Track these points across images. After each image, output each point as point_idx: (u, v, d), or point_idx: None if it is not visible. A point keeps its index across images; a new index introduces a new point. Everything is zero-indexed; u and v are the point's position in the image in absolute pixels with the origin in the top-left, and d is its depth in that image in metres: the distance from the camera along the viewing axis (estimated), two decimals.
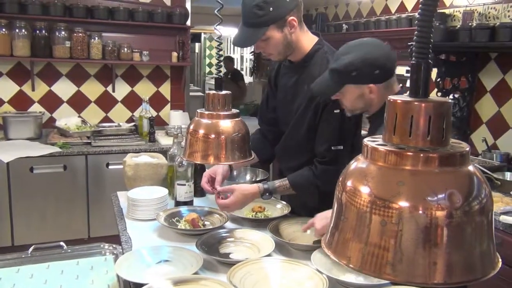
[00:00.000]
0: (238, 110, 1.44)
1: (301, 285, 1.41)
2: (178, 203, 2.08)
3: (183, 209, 1.99)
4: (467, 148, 0.61)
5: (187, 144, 1.39)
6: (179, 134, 2.21)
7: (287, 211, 2.01)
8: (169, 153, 2.22)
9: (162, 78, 4.51)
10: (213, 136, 1.35)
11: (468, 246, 0.57)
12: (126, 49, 4.16)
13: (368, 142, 0.63)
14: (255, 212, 2.00)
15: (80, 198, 3.66)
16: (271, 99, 2.07)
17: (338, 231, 0.63)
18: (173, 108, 4.55)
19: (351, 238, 0.60)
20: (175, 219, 1.91)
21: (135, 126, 4.21)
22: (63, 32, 3.91)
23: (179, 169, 2.05)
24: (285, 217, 1.95)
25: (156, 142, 3.94)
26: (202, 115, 1.39)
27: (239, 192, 1.85)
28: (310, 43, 1.81)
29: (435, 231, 0.55)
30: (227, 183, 2.06)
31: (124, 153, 3.38)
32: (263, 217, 1.98)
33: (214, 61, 11.12)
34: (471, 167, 0.60)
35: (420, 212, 0.55)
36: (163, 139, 4.00)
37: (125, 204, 2.09)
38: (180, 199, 2.08)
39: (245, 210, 2.01)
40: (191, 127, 1.38)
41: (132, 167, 2.24)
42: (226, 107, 1.40)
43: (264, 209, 2.03)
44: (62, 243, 1.71)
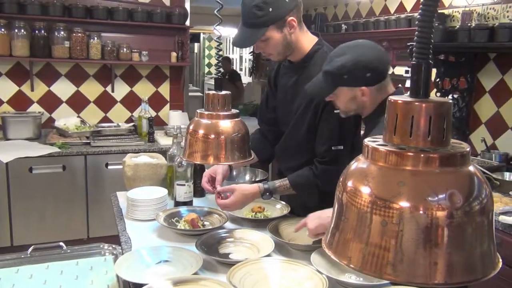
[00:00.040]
0: (238, 111, 1.44)
1: (300, 285, 1.41)
2: (177, 203, 2.08)
3: (182, 209, 1.99)
4: (468, 149, 0.61)
5: (187, 144, 1.39)
6: (179, 135, 2.21)
7: (286, 211, 2.01)
8: (168, 153, 2.22)
9: (161, 78, 4.51)
10: (212, 136, 1.35)
11: (468, 246, 0.57)
12: (125, 49, 4.16)
13: (369, 142, 0.63)
14: (254, 212, 2.00)
15: (79, 198, 3.66)
16: (270, 99, 2.07)
17: (338, 231, 0.63)
18: (172, 108, 4.55)
19: (352, 238, 0.60)
20: (174, 219, 1.91)
21: (134, 126, 4.21)
22: (62, 32, 3.91)
23: (179, 169, 2.05)
24: (284, 217, 1.95)
25: (155, 142, 3.94)
26: (201, 115, 1.39)
27: (239, 192, 1.85)
28: (310, 43, 1.81)
29: (435, 231, 0.55)
30: (226, 183, 2.06)
31: (123, 153, 3.39)
32: (262, 217, 1.98)
33: (213, 61, 11.13)
34: (471, 167, 0.60)
35: (420, 212, 0.55)
36: (162, 139, 4.00)
37: (124, 204, 2.08)
38: (180, 199, 2.08)
39: (244, 210, 2.01)
40: (191, 127, 1.38)
41: (131, 167, 2.24)
42: (225, 107, 1.40)
43: (263, 209, 2.03)
44: (62, 244, 1.71)
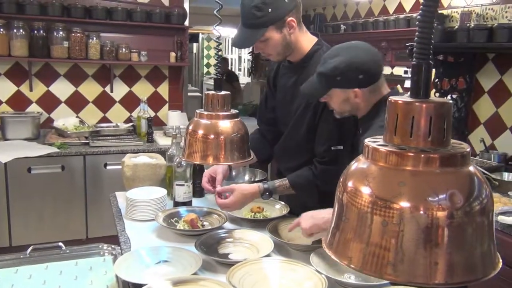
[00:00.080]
0: (237, 111, 1.44)
1: (300, 285, 1.41)
2: (176, 204, 2.07)
3: (182, 209, 1.99)
4: (468, 149, 0.61)
5: (186, 144, 1.39)
6: (178, 135, 2.21)
7: (285, 211, 2.01)
8: (167, 153, 2.22)
9: (160, 78, 4.50)
10: (212, 136, 1.35)
11: (469, 246, 0.57)
12: (124, 49, 4.16)
13: (369, 142, 0.63)
14: (254, 213, 2.00)
15: (78, 199, 3.66)
16: (270, 99, 2.07)
17: (339, 231, 0.63)
18: (171, 108, 4.55)
19: (352, 238, 0.60)
20: (174, 220, 1.90)
21: (133, 126, 4.21)
22: (61, 32, 3.90)
23: (178, 169, 2.05)
24: (283, 217, 1.95)
25: (154, 142, 3.93)
26: (201, 116, 1.39)
27: (239, 192, 1.85)
28: (309, 43, 1.81)
29: (436, 231, 0.55)
30: (225, 183, 2.06)
31: (122, 153, 3.39)
32: (262, 217, 1.98)
33: (212, 61, 11.12)
34: (471, 168, 0.60)
35: (421, 212, 0.56)
36: (161, 139, 4.00)
37: (123, 205, 2.08)
38: (179, 199, 2.08)
39: (244, 211, 2.01)
40: (190, 128, 1.38)
41: (130, 167, 2.24)
42: (225, 108, 1.40)
43: (262, 209, 2.03)
44: (61, 244, 1.71)
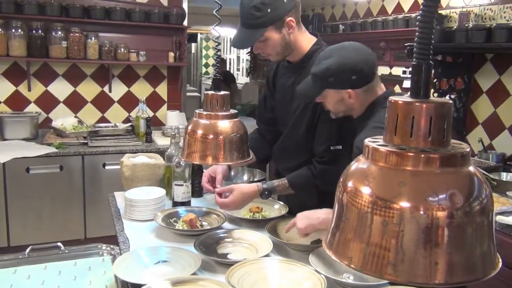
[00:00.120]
0: (236, 111, 1.44)
1: (299, 285, 1.41)
2: (175, 204, 2.07)
3: (180, 209, 1.99)
4: (468, 149, 0.61)
5: (185, 144, 1.39)
6: (177, 135, 2.20)
7: (284, 211, 2.01)
8: (166, 153, 2.22)
9: (159, 78, 4.50)
10: (211, 136, 1.36)
11: (469, 246, 0.57)
12: (122, 49, 4.15)
13: (369, 142, 0.63)
14: (252, 213, 2.00)
15: (77, 199, 3.65)
16: (269, 99, 2.07)
17: (339, 231, 0.63)
18: (169, 108, 4.55)
19: (352, 238, 0.60)
20: (172, 220, 1.90)
21: (131, 126, 4.20)
22: (59, 32, 3.90)
23: (177, 169, 2.05)
24: (282, 217, 1.95)
25: (152, 142, 3.93)
26: (200, 116, 1.39)
27: (238, 192, 1.85)
28: (309, 43, 1.81)
29: (436, 231, 0.55)
30: (224, 183, 2.06)
31: (120, 153, 3.38)
32: (260, 217, 1.98)
33: (210, 61, 11.11)
34: (471, 168, 0.60)
35: (421, 212, 0.56)
36: (159, 139, 3.99)
37: (122, 205, 2.08)
38: (178, 199, 2.07)
39: (242, 211, 2.01)
40: (189, 128, 1.38)
41: (129, 167, 2.24)
42: (224, 108, 1.40)
43: (261, 209, 2.03)
44: (60, 244, 1.71)
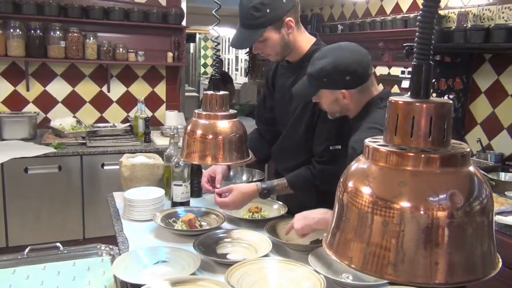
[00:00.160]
0: (236, 111, 1.44)
1: (298, 285, 1.41)
2: (174, 204, 2.07)
3: (179, 209, 1.99)
4: (468, 149, 0.61)
5: (185, 144, 1.39)
6: (176, 135, 2.20)
7: (283, 211, 2.01)
8: (165, 153, 2.22)
9: (158, 78, 4.50)
10: (210, 136, 1.36)
11: (469, 246, 0.57)
12: (121, 49, 4.15)
13: (370, 142, 0.64)
14: (251, 213, 2.00)
15: (75, 199, 3.65)
16: (268, 99, 2.07)
17: (339, 231, 0.63)
18: (168, 108, 4.54)
19: (353, 238, 0.60)
20: (171, 220, 1.90)
21: (130, 126, 4.20)
22: (58, 32, 3.89)
23: (176, 169, 2.05)
24: (281, 217, 1.95)
25: (151, 142, 3.93)
26: (199, 116, 1.39)
27: (238, 191, 1.85)
28: (308, 43, 1.81)
29: (436, 231, 0.56)
30: (224, 183, 2.06)
31: (119, 153, 3.38)
32: (260, 217, 1.98)
33: (209, 61, 11.10)
34: (471, 168, 0.60)
35: (421, 212, 0.56)
36: (158, 139, 3.99)
37: (121, 205, 2.08)
38: (177, 199, 2.07)
39: (242, 211, 2.01)
40: (189, 128, 1.38)
41: (128, 167, 2.23)
42: (223, 108, 1.40)
43: (260, 209, 2.03)
44: (58, 244, 1.71)
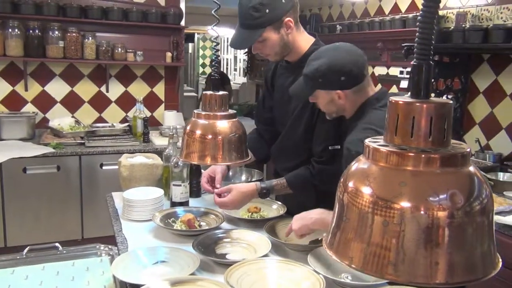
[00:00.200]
0: (235, 111, 1.44)
1: (298, 285, 1.41)
2: (173, 204, 2.07)
3: (179, 209, 1.99)
4: (468, 149, 0.61)
5: (184, 144, 1.39)
6: (175, 135, 2.20)
7: (282, 211, 2.01)
8: (164, 153, 2.21)
9: (156, 78, 4.50)
10: (210, 136, 1.36)
11: (469, 246, 0.57)
12: (120, 49, 4.15)
13: (370, 143, 0.64)
14: (251, 213, 2.00)
15: (74, 199, 3.64)
16: (267, 99, 2.07)
17: (340, 231, 0.63)
18: (167, 108, 4.54)
19: (353, 238, 0.61)
20: (171, 220, 1.90)
21: (129, 126, 4.20)
22: (56, 32, 3.88)
23: (175, 169, 2.05)
24: (281, 217, 1.95)
25: (150, 142, 3.92)
26: (199, 116, 1.39)
27: (237, 191, 1.85)
28: (307, 43, 1.81)
29: (437, 231, 0.56)
30: (223, 183, 2.06)
31: (118, 153, 3.38)
32: (259, 217, 1.98)
33: (207, 61, 11.10)
34: (472, 168, 0.60)
35: (422, 212, 0.56)
36: (157, 139, 3.99)
37: (120, 205, 2.08)
38: (176, 199, 2.07)
39: (241, 211, 2.01)
40: (188, 128, 1.38)
41: (127, 167, 2.23)
42: (223, 108, 1.40)
43: (259, 209, 2.03)
44: (57, 244, 1.71)
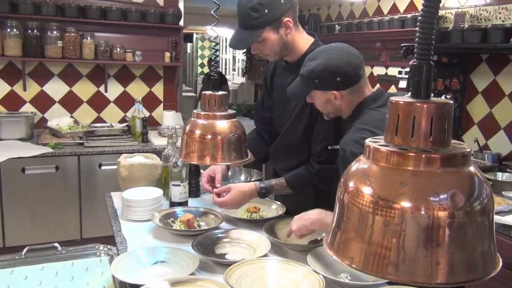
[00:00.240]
0: (234, 111, 1.44)
1: (297, 285, 1.41)
2: (173, 204, 2.07)
3: (178, 209, 1.99)
4: (468, 149, 0.61)
5: (184, 144, 1.39)
6: (174, 135, 2.20)
7: (282, 211, 2.01)
8: (163, 153, 2.21)
9: (155, 78, 4.49)
10: (209, 136, 1.36)
11: (470, 246, 0.57)
12: (118, 49, 4.14)
13: (370, 143, 0.64)
14: (250, 213, 2.00)
15: (73, 199, 3.64)
16: (266, 99, 2.07)
17: (340, 231, 0.63)
18: (166, 108, 4.54)
19: (354, 238, 0.61)
20: (170, 220, 1.90)
21: (127, 126, 4.19)
22: (55, 32, 3.88)
23: (174, 169, 2.05)
24: (280, 217, 1.95)
25: (149, 142, 3.92)
26: (198, 116, 1.39)
27: (236, 190, 1.85)
28: (306, 43, 1.81)
29: (437, 231, 0.56)
30: (222, 184, 2.06)
31: (116, 153, 3.38)
32: (258, 217, 1.98)
33: (206, 61, 11.10)
34: (472, 168, 0.60)
35: (422, 212, 0.56)
36: (156, 139, 3.99)
37: (119, 205, 2.07)
38: (175, 199, 2.07)
39: (240, 211, 2.01)
40: (188, 128, 1.38)
41: (126, 167, 2.23)
42: (222, 108, 1.40)
43: (259, 209, 2.03)
44: (56, 244, 1.70)
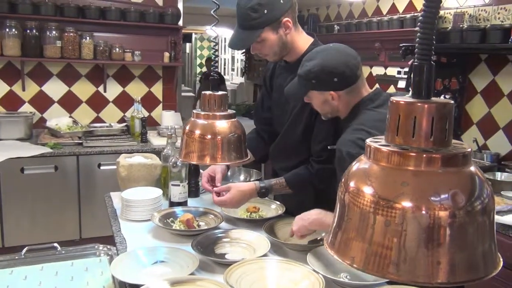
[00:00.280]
0: (234, 111, 1.44)
1: (297, 285, 1.42)
2: (172, 204, 2.07)
3: (177, 209, 1.99)
4: (469, 149, 0.61)
5: (183, 144, 1.39)
6: (173, 135, 2.20)
7: (281, 211, 2.01)
8: (163, 153, 2.21)
9: (154, 78, 4.49)
10: (209, 136, 1.36)
11: (471, 245, 0.57)
12: (117, 49, 4.14)
13: (371, 142, 0.64)
14: (249, 213, 2.01)
15: (72, 199, 3.63)
16: (266, 99, 2.08)
17: (341, 231, 0.63)
18: (165, 108, 4.53)
19: (355, 238, 0.61)
20: (169, 220, 1.90)
21: (127, 126, 4.19)
22: (54, 32, 3.87)
23: (173, 169, 2.05)
24: (279, 217, 1.95)
25: (148, 142, 3.92)
26: (198, 116, 1.39)
27: (236, 189, 1.86)
28: (306, 43, 1.81)
29: (438, 231, 0.56)
30: (222, 183, 2.06)
31: (116, 153, 3.37)
32: (257, 217, 1.98)
33: (204, 61, 11.10)
34: (473, 168, 0.61)
35: (423, 212, 0.56)
36: (155, 139, 3.98)
37: (118, 205, 2.07)
38: (174, 199, 2.07)
39: (239, 211, 2.01)
40: (187, 128, 1.38)
41: (125, 167, 2.23)
42: (222, 108, 1.40)
43: (258, 209, 2.03)
44: (56, 244, 1.70)
